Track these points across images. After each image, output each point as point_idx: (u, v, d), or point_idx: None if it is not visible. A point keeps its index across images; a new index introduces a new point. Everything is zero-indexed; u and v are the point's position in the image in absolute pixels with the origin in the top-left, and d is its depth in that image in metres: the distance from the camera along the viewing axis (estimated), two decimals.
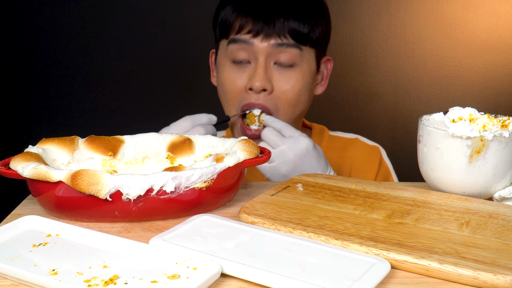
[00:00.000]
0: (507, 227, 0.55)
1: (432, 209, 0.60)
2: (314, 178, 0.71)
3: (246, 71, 0.94)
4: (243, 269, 0.46)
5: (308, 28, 0.93)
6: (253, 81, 0.91)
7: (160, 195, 0.57)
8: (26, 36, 1.76)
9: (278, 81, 0.93)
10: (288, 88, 0.93)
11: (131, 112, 1.81)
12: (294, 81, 0.93)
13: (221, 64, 0.98)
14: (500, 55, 1.78)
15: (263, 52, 0.92)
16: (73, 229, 0.54)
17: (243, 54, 0.93)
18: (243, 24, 0.92)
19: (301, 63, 0.94)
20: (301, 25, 0.92)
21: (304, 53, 0.94)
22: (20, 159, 0.59)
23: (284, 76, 0.93)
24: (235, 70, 0.95)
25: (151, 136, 0.72)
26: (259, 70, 0.92)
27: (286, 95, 0.93)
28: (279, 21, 0.91)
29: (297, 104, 0.95)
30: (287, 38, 0.92)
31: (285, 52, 0.92)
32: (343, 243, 0.51)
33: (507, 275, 0.45)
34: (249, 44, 0.92)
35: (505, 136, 0.63)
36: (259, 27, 0.91)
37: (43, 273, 0.46)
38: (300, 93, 0.94)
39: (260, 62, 0.92)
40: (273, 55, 0.92)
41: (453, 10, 1.76)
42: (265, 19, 0.91)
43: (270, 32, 0.91)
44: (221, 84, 0.98)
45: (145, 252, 0.49)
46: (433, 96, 1.83)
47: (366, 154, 1.11)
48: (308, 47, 0.95)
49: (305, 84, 0.95)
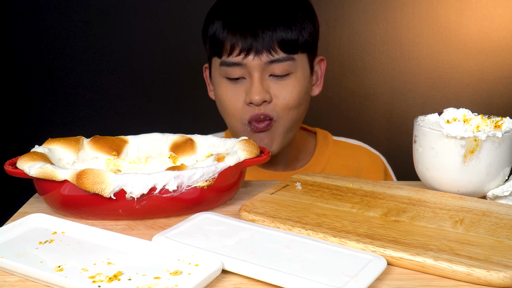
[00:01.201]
0: (500, 225, 0.55)
1: (427, 207, 0.60)
2: (312, 177, 0.71)
3: (242, 86, 0.93)
4: (244, 265, 0.47)
5: (297, 34, 0.92)
6: (252, 95, 0.91)
7: (163, 193, 0.58)
8: (31, 38, 1.76)
9: (276, 90, 0.93)
10: (286, 95, 0.93)
11: (135, 112, 1.81)
12: (292, 88, 0.93)
13: (216, 81, 0.97)
14: (493, 58, 1.80)
15: (256, 68, 0.91)
16: (78, 227, 0.54)
17: (238, 72, 0.92)
18: (233, 43, 0.91)
19: (296, 70, 0.93)
20: (288, 32, 0.91)
21: (297, 60, 0.93)
22: (27, 159, 0.60)
23: (280, 85, 0.93)
24: (231, 87, 0.94)
25: (154, 136, 0.72)
26: (256, 85, 0.91)
27: (285, 102, 0.93)
28: (267, 34, 0.90)
29: (297, 108, 0.95)
30: (278, 52, 0.91)
31: (278, 65, 0.91)
32: (341, 240, 0.52)
33: (500, 271, 0.45)
34: (242, 64, 0.91)
35: (498, 136, 0.63)
36: (248, 44, 0.90)
37: (49, 270, 0.46)
38: (298, 97, 0.94)
39: (256, 78, 0.91)
40: (267, 69, 0.92)
41: (448, 14, 1.77)
42: (253, 33, 0.90)
43: (260, 47, 0.90)
44: (220, 101, 0.97)
45: (148, 249, 0.50)
46: (428, 97, 1.84)
47: (370, 163, 1.10)
48: (299, 53, 0.94)
49: (302, 89, 0.95)
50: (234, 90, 0.94)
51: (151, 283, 0.44)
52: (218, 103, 0.99)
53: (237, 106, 0.94)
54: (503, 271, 0.45)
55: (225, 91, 0.95)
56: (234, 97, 0.94)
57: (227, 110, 0.96)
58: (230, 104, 0.95)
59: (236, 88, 0.94)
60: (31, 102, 1.81)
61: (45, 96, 1.80)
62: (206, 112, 1.78)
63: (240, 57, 0.91)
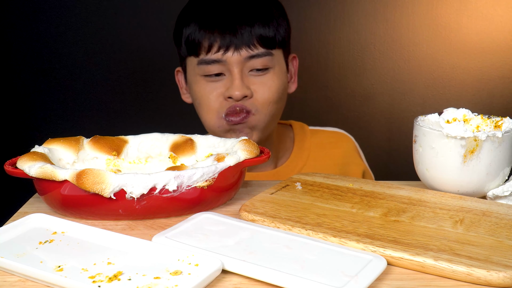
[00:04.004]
0: (500, 225, 0.55)
1: (427, 207, 0.60)
2: (312, 177, 0.72)
3: (221, 83, 0.93)
4: (244, 265, 0.47)
5: (274, 31, 0.93)
6: (232, 90, 0.91)
7: (163, 193, 0.58)
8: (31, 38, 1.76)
9: (256, 86, 0.93)
10: (265, 90, 0.94)
11: (135, 113, 1.81)
12: (271, 83, 0.94)
13: (193, 80, 0.96)
14: (493, 58, 1.80)
15: (236, 64, 0.92)
16: (78, 227, 0.54)
17: (217, 68, 0.92)
18: (212, 41, 0.91)
19: (274, 65, 0.95)
20: (266, 29, 0.92)
21: (275, 56, 0.95)
22: (27, 159, 0.60)
23: (260, 80, 0.94)
24: (210, 83, 0.94)
25: (154, 136, 0.72)
26: (236, 81, 0.91)
27: (265, 97, 0.94)
28: (246, 30, 0.91)
29: (276, 104, 0.96)
30: (257, 47, 0.92)
31: (258, 60, 0.92)
32: (341, 240, 0.52)
33: (500, 271, 0.45)
34: (222, 60, 0.92)
35: (498, 136, 0.63)
36: (227, 41, 0.91)
37: (49, 270, 0.46)
38: (277, 92, 0.95)
39: (236, 73, 0.92)
40: (246, 64, 0.92)
41: (448, 14, 1.77)
42: (232, 29, 0.91)
43: (239, 43, 0.91)
44: (198, 98, 0.96)
45: (148, 249, 0.50)
46: (428, 97, 1.84)
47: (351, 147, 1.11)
48: (277, 49, 0.95)
49: (281, 84, 0.96)
50: (213, 87, 0.94)
51: (151, 283, 0.44)
52: (196, 101, 0.98)
53: (215, 101, 0.94)
54: (503, 271, 0.45)
55: (203, 88, 0.95)
56: (212, 92, 0.94)
57: (204, 105, 0.96)
58: (207, 99, 0.94)
59: (215, 85, 0.94)
60: (31, 102, 1.81)
61: (45, 96, 1.80)
62: None
63: (220, 54, 0.91)
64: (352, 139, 1.14)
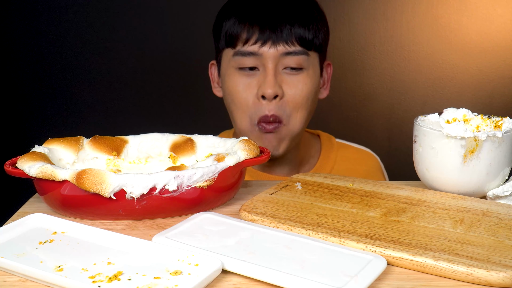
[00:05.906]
0: (500, 225, 0.55)
1: (427, 207, 0.60)
2: (312, 177, 0.71)
3: (255, 78, 0.93)
4: (244, 265, 0.47)
5: (313, 34, 0.93)
6: (265, 88, 0.91)
7: (163, 193, 0.58)
8: (32, 39, 1.76)
9: (288, 85, 0.93)
10: (297, 92, 0.93)
11: (135, 113, 1.81)
12: (303, 85, 0.93)
13: (227, 73, 0.96)
14: (493, 58, 1.80)
15: (272, 59, 0.91)
16: (78, 227, 0.54)
17: (251, 61, 0.92)
18: (250, 34, 0.92)
19: (308, 67, 0.94)
20: (306, 31, 0.92)
21: (310, 58, 0.95)
22: (27, 159, 0.60)
23: (293, 80, 0.93)
24: (243, 78, 0.93)
25: (154, 136, 0.72)
26: (269, 77, 0.91)
27: (296, 99, 0.93)
28: (286, 28, 0.91)
29: (306, 108, 0.95)
30: (295, 44, 0.92)
31: (293, 58, 0.92)
32: (341, 240, 0.52)
33: (500, 271, 0.45)
34: (258, 54, 0.92)
35: (498, 136, 0.63)
36: (266, 35, 0.91)
37: (49, 270, 0.46)
38: (308, 96, 0.94)
39: (270, 69, 0.91)
40: (282, 61, 0.92)
41: (448, 14, 1.77)
42: (272, 27, 0.91)
43: (278, 39, 0.91)
44: (230, 93, 0.96)
45: (148, 249, 0.50)
46: (428, 97, 1.84)
47: (376, 166, 1.11)
48: (313, 52, 0.95)
49: (313, 87, 0.95)
50: (246, 81, 0.94)
51: (151, 283, 0.44)
52: (228, 96, 0.97)
53: (248, 100, 0.94)
54: (503, 271, 0.45)
55: (236, 82, 0.94)
56: (245, 89, 0.94)
57: (237, 103, 0.95)
58: (240, 97, 0.94)
59: (249, 80, 0.94)
60: (31, 102, 1.81)
61: (45, 96, 1.81)
62: (206, 112, 1.78)
63: (256, 46, 0.92)
64: (378, 159, 1.13)
